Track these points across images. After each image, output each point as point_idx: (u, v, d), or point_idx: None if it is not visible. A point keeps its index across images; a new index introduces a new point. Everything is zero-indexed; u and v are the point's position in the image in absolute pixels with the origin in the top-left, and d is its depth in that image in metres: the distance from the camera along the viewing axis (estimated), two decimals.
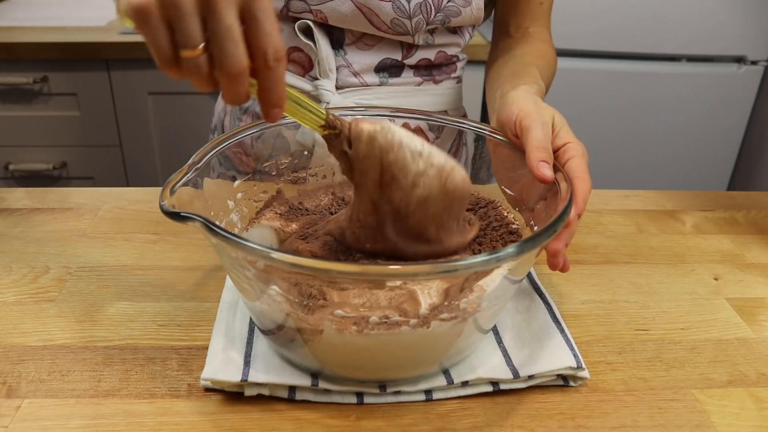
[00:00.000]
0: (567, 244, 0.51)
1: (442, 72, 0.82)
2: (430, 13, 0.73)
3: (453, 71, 0.84)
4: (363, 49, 0.77)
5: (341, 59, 0.77)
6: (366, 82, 0.78)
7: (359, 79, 0.78)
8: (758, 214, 0.82)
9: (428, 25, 0.75)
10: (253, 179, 0.62)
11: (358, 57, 0.77)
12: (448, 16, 0.75)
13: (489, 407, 0.50)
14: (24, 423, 0.47)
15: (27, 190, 0.80)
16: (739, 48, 1.75)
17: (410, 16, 0.73)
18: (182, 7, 0.38)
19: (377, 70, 0.78)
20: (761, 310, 0.63)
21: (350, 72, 0.77)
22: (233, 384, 0.49)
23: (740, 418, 0.50)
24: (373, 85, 0.78)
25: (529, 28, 0.81)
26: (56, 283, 0.62)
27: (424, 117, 0.65)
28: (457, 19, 0.76)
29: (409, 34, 0.75)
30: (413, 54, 0.78)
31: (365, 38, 0.76)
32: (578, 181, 0.51)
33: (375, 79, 0.78)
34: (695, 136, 1.85)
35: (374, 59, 0.77)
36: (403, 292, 0.46)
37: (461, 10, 0.75)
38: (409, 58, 0.78)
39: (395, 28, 0.74)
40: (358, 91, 0.78)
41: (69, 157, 1.69)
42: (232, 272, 0.48)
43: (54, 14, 1.74)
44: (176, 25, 0.38)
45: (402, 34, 0.75)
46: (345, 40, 0.76)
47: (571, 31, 1.67)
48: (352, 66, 0.77)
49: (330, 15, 0.73)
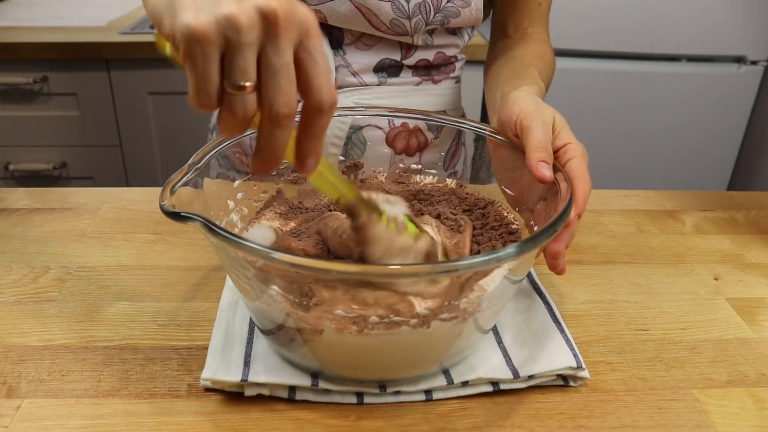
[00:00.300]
0: (567, 245, 0.51)
1: (440, 72, 0.82)
2: (429, 13, 0.73)
3: (452, 71, 0.84)
4: (362, 49, 0.77)
5: (340, 59, 0.77)
6: (365, 82, 0.78)
7: (358, 79, 0.78)
8: (758, 214, 0.82)
9: (427, 26, 0.75)
10: (253, 179, 0.62)
11: (357, 57, 0.77)
12: (447, 17, 0.75)
13: (489, 407, 0.50)
14: (24, 423, 0.47)
15: (27, 190, 0.80)
16: (739, 48, 1.75)
17: (409, 17, 0.73)
18: (244, 35, 0.33)
19: (376, 70, 0.78)
20: (761, 310, 0.63)
21: (349, 72, 0.77)
22: (233, 384, 0.49)
23: (740, 418, 0.50)
24: (372, 84, 0.78)
25: (527, 29, 0.82)
26: (56, 283, 0.62)
27: (423, 117, 0.65)
28: (456, 20, 0.76)
29: (408, 35, 0.75)
30: (412, 54, 0.78)
31: (364, 38, 0.76)
32: (578, 181, 0.51)
33: (374, 78, 0.78)
34: (695, 136, 1.85)
35: (373, 59, 0.77)
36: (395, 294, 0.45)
37: (460, 11, 0.75)
38: (408, 58, 0.78)
39: (394, 29, 0.74)
40: (356, 90, 0.78)
41: (69, 157, 1.69)
42: (232, 272, 0.48)
43: (54, 14, 1.74)
44: (232, 55, 0.34)
45: (401, 35, 0.75)
46: (344, 40, 0.76)
47: (571, 31, 1.67)
48: (351, 66, 0.77)
49: (329, 15, 0.73)
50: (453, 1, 0.74)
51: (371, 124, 0.74)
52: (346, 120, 0.72)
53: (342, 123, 0.73)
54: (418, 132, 0.76)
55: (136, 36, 1.56)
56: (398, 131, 0.75)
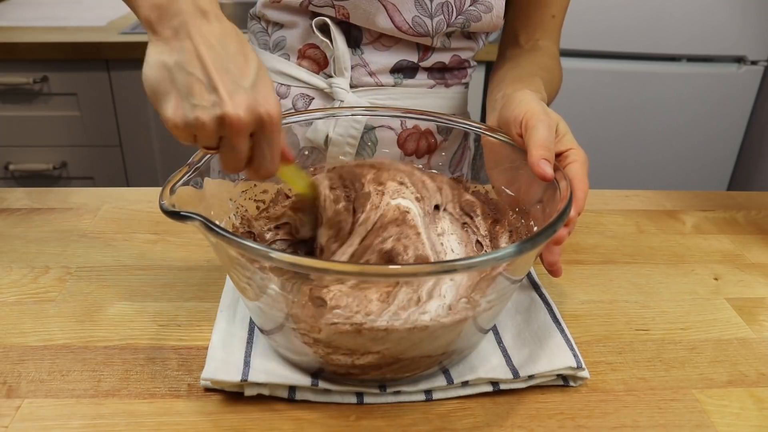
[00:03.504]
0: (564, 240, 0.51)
1: (453, 76, 0.82)
2: (452, 14, 0.73)
3: (464, 77, 0.84)
4: (380, 49, 0.77)
5: (358, 58, 0.77)
6: (381, 82, 0.78)
7: (374, 79, 0.78)
8: (758, 214, 0.82)
9: (448, 27, 0.74)
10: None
11: (376, 57, 0.77)
12: (469, 20, 0.75)
13: (489, 407, 0.50)
14: (24, 423, 0.47)
15: (27, 190, 0.80)
16: (739, 48, 1.75)
17: (431, 15, 0.73)
18: (207, 134, 0.46)
19: (393, 71, 0.78)
20: (761, 310, 0.63)
21: (366, 71, 0.77)
22: (233, 384, 0.49)
23: (740, 418, 0.50)
24: (388, 85, 0.78)
25: (539, 41, 0.82)
26: (56, 283, 0.62)
27: (434, 118, 0.65)
28: (477, 24, 0.76)
29: (429, 35, 0.75)
30: (429, 57, 0.78)
31: (383, 39, 0.76)
32: (576, 182, 0.52)
33: (390, 79, 0.78)
34: (695, 136, 1.85)
35: (391, 60, 0.77)
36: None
37: (482, 15, 0.75)
38: (424, 60, 0.78)
39: (416, 28, 0.73)
40: (372, 90, 0.78)
41: (69, 157, 1.69)
42: (231, 272, 0.48)
43: (54, 14, 1.74)
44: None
45: (421, 35, 0.75)
46: (362, 40, 0.76)
47: (571, 31, 1.66)
48: (368, 66, 0.77)
49: (353, 11, 0.73)
50: (476, 5, 0.74)
51: (384, 125, 0.74)
52: (361, 120, 0.72)
53: (357, 122, 0.73)
54: (429, 134, 0.76)
55: (136, 36, 1.56)
56: (410, 132, 0.75)
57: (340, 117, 0.70)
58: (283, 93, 0.80)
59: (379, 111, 0.66)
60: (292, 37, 0.78)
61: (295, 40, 0.78)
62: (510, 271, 0.46)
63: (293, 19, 0.77)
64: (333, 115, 0.67)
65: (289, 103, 0.80)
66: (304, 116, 0.63)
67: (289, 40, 0.79)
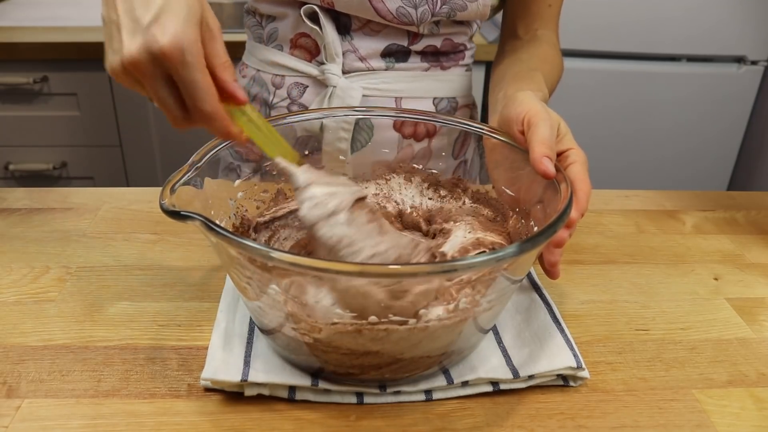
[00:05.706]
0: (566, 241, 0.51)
1: (449, 59, 0.82)
2: (436, 4, 0.73)
3: (461, 59, 0.84)
4: (369, 34, 0.77)
5: (348, 44, 0.77)
6: (372, 67, 0.78)
7: (366, 64, 0.78)
8: (758, 214, 0.82)
9: (433, 17, 0.74)
10: (254, 178, 0.62)
11: (365, 42, 0.77)
12: (454, 10, 0.75)
13: (489, 407, 0.50)
14: (24, 423, 0.47)
15: (27, 190, 0.80)
16: (739, 48, 1.75)
17: (416, 6, 0.73)
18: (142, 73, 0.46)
19: (383, 55, 0.78)
20: (761, 310, 0.63)
21: (357, 57, 0.78)
22: (233, 384, 0.49)
23: (740, 418, 0.50)
24: (380, 69, 0.79)
25: (537, 31, 0.82)
26: (56, 283, 0.62)
27: (429, 118, 0.65)
28: (463, 14, 0.76)
29: (414, 24, 0.75)
30: (419, 41, 0.78)
31: (371, 24, 0.76)
32: (578, 182, 0.52)
33: (381, 63, 0.79)
34: (695, 136, 1.85)
35: (380, 44, 0.77)
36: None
37: (468, 4, 0.75)
38: (415, 44, 0.78)
39: (400, 18, 0.74)
40: (364, 75, 0.78)
41: (69, 157, 1.69)
42: (231, 272, 0.48)
43: (54, 14, 1.74)
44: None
45: (406, 24, 0.75)
46: (351, 26, 0.77)
47: (571, 31, 1.66)
48: (358, 51, 0.77)
49: (336, 0, 0.73)
50: None
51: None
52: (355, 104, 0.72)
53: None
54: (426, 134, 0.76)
55: None
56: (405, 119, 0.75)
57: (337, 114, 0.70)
58: (278, 83, 0.81)
59: (374, 111, 0.66)
60: (284, 27, 0.79)
61: (286, 30, 0.79)
62: (510, 271, 0.46)
63: (283, 11, 0.78)
64: (329, 115, 0.67)
65: (284, 92, 0.81)
66: (299, 117, 0.63)
67: (281, 30, 0.79)
